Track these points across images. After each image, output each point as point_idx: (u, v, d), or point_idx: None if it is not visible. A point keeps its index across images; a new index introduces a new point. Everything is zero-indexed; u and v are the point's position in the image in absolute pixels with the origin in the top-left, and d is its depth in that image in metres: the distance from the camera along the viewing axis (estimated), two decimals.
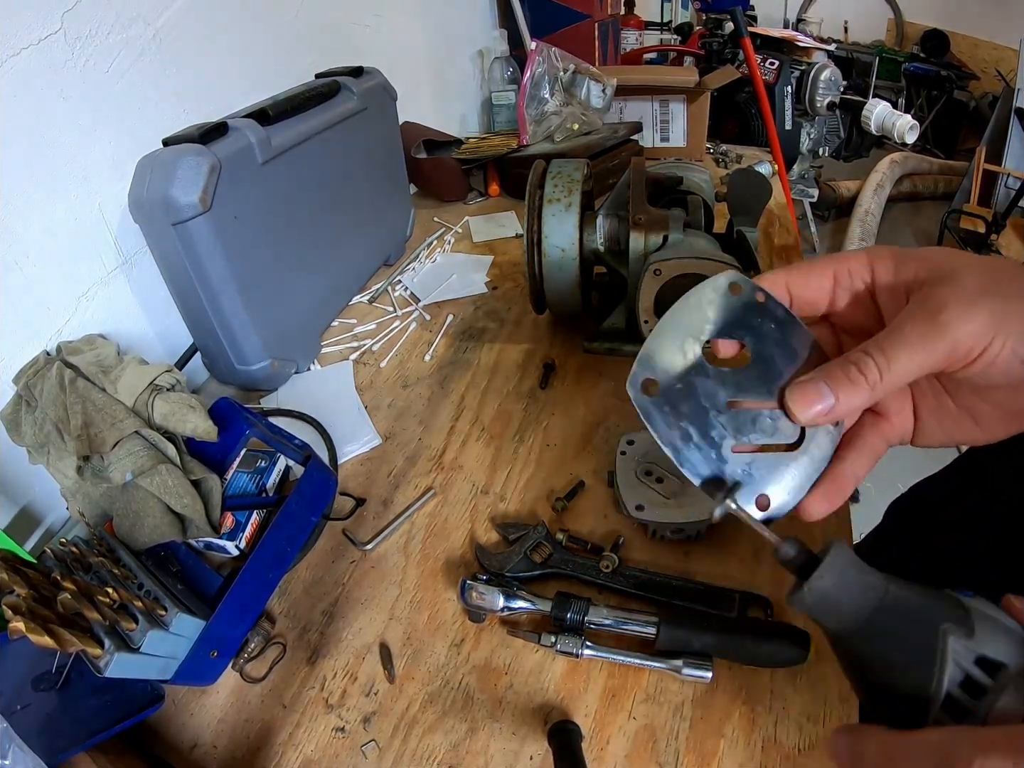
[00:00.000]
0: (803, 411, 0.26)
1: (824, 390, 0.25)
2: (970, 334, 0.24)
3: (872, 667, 0.24)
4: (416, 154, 1.07)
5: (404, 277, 0.91)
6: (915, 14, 3.72)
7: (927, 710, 0.22)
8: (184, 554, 0.50)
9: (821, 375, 0.26)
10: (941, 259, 0.26)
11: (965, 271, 0.25)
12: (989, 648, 0.22)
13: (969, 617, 0.22)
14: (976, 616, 0.23)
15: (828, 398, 0.25)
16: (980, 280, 0.25)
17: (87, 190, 0.60)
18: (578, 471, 0.58)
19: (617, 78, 1.17)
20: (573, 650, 0.42)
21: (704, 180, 0.77)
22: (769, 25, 2.94)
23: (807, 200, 2.46)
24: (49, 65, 0.55)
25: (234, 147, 0.59)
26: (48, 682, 0.41)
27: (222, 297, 0.62)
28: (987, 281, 0.25)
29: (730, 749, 0.39)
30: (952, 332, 0.24)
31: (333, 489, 0.53)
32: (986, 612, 0.23)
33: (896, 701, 0.23)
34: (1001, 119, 2.67)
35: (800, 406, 0.26)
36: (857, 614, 0.23)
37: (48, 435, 0.50)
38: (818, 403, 0.25)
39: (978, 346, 0.24)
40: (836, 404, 0.25)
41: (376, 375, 0.73)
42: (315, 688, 0.44)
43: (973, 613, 0.23)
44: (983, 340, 0.24)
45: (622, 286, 0.67)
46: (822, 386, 0.25)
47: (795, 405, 0.26)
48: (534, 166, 0.70)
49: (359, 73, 0.81)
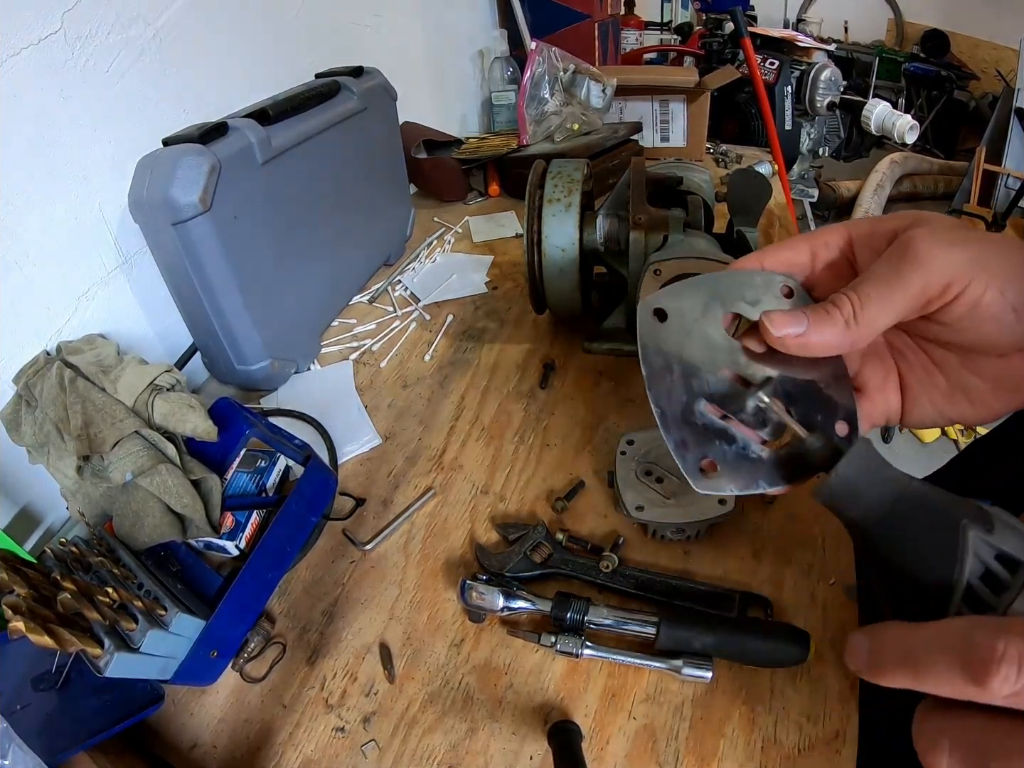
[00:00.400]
0: (777, 328, 0.26)
1: (800, 317, 0.26)
2: (943, 270, 0.24)
3: (892, 558, 0.24)
4: (416, 154, 1.07)
5: (404, 277, 0.91)
6: (915, 14, 3.71)
7: (948, 601, 0.22)
8: (184, 554, 0.50)
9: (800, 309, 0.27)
10: (917, 217, 0.27)
11: (940, 219, 0.26)
12: (1009, 546, 0.22)
13: (989, 518, 0.23)
14: (995, 518, 0.23)
15: (802, 322, 0.26)
16: (954, 229, 0.25)
17: (87, 190, 0.60)
18: (578, 471, 0.58)
19: (617, 78, 1.17)
20: (573, 650, 0.42)
21: (704, 180, 0.77)
22: (769, 25, 2.94)
23: (807, 200, 2.46)
24: (49, 65, 0.55)
25: (234, 147, 0.59)
26: (48, 682, 0.41)
27: (222, 297, 0.62)
28: (962, 231, 0.25)
29: (730, 749, 0.39)
30: (924, 265, 0.24)
31: (333, 489, 0.53)
32: (1004, 518, 0.23)
33: (918, 592, 0.23)
34: (1001, 119, 2.67)
35: (776, 325, 0.26)
36: (880, 503, 0.23)
37: (48, 435, 0.50)
38: (792, 325, 0.26)
39: (955, 283, 0.24)
40: (809, 332, 0.26)
41: (376, 375, 0.73)
42: (315, 688, 0.44)
43: (992, 516, 0.23)
44: (960, 278, 0.24)
45: (622, 286, 0.67)
46: (799, 313, 0.26)
47: (770, 323, 0.26)
48: (534, 166, 0.69)
49: (359, 73, 0.81)
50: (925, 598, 0.22)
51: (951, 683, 0.18)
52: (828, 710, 0.40)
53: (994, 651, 0.17)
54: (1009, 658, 0.17)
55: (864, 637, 0.22)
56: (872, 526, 0.24)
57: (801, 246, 0.29)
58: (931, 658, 0.19)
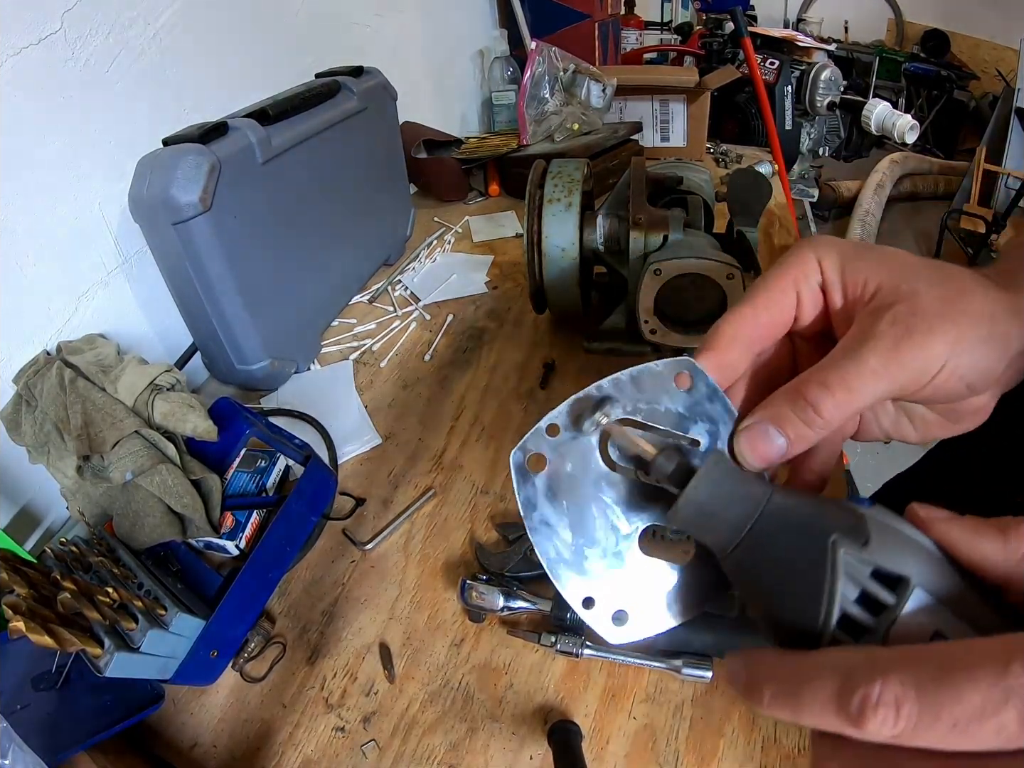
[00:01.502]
0: (754, 460, 0.24)
1: (772, 433, 0.23)
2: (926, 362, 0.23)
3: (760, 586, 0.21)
4: (416, 154, 1.07)
5: (404, 277, 0.91)
6: (915, 14, 3.71)
7: (821, 630, 0.19)
8: (184, 554, 0.50)
9: (768, 414, 0.24)
10: (895, 267, 0.25)
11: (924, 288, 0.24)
12: (888, 560, 0.19)
13: (864, 526, 0.20)
14: (872, 525, 0.20)
15: (778, 441, 0.23)
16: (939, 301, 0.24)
17: (87, 190, 0.60)
18: None
19: (617, 78, 1.17)
20: (573, 650, 0.42)
21: (704, 180, 0.77)
22: (769, 25, 2.94)
23: (807, 200, 2.46)
24: (49, 65, 0.55)
25: (234, 147, 0.59)
26: (48, 682, 0.41)
27: (222, 297, 0.62)
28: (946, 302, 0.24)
29: (730, 749, 0.39)
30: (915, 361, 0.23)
31: (333, 489, 0.53)
32: (884, 521, 0.20)
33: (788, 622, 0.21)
34: (1001, 119, 2.67)
35: (751, 456, 0.24)
36: (737, 527, 0.21)
37: (48, 435, 0.50)
38: (769, 451, 0.23)
39: (931, 371, 0.23)
40: (790, 446, 0.23)
41: (376, 375, 0.73)
42: (315, 688, 0.44)
43: (869, 522, 0.20)
44: (938, 366, 0.23)
45: (622, 286, 0.67)
46: (769, 429, 0.23)
47: (745, 454, 0.24)
48: (534, 166, 0.69)
49: (359, 73, 0.81)
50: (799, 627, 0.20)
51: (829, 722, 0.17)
52: None
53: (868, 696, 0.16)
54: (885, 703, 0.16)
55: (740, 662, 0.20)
56: (732, 552, 0.21)
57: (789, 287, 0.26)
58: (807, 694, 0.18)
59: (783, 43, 2.14)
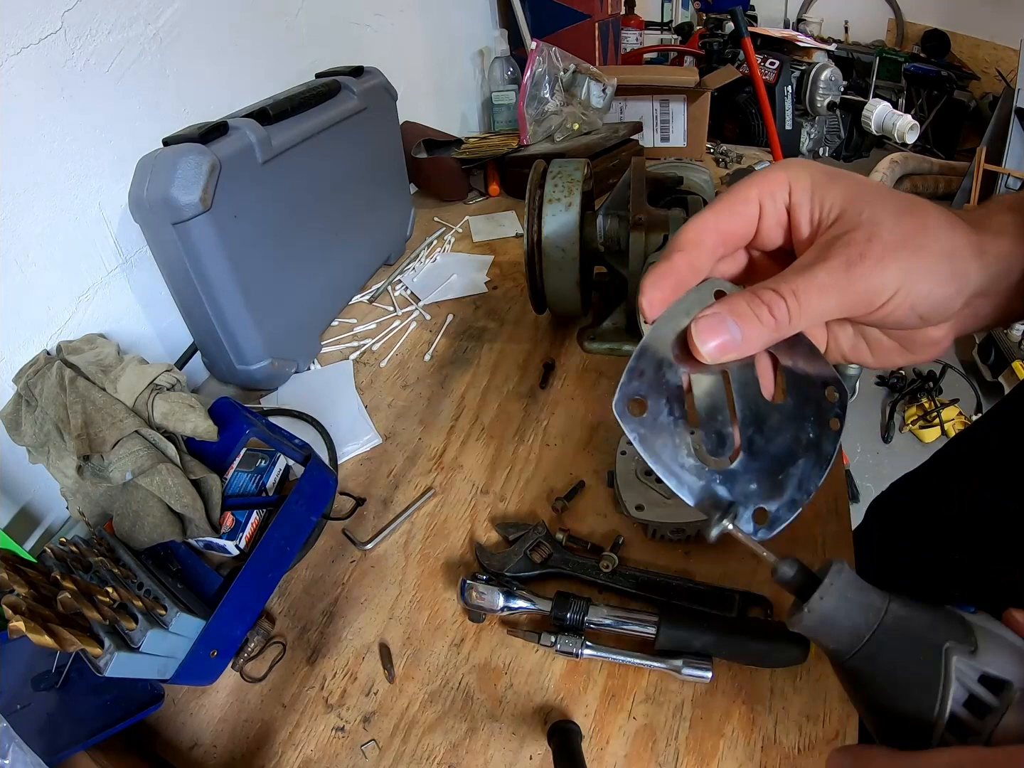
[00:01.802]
0: (705, 343, 0.24)
1: (729, 324, 0.24)
2: (879, 288, 0.24)
3: (875, 688, 0.23)
4: (416, 154, 1.07)
5: (404, 277, 0.91)
6: (915, 14, 3.71)
7: (931, 731, 0.21)
8: (184, 554, 0.50)
9: (726, 308, 0.24)
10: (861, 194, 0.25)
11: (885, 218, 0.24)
12: (993, 666, 0.21)
13: (972, 634, 0.22)
14: (979, 633, 0.22)
15: (734, 331, 0.24)
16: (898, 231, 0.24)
17: (87, 190, 0.60)
18: (578, 471, 0.58)
19: (617, 78, 1.17)
20: (573, 650, 0.42)
21: (704, 180, 0.77)
22: (769, 25, 2.94)
23: None
24: (49, 64, 0.55)
25: (234, 147, 0.59)
26: (48, 681, 0.41)
27: (222, 297, 0.62)
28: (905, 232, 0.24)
29: (730, 749, 0.39)
30: (864, 284, 0.24)
31: (333, 489, 0.53)
32: (989, 628, 0.23)
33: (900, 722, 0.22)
34: (1001, 119, 2.67)
35: (703, 337, 0.24)
36: (858, 635, 0.23)
37: (48, 434, 0.50)
38: (723, 335, 0.24)
39: (883, 298, 0.24)
40: (742, 341, 0.24)
41: (376, 375, 0.73)
42: (315, 688, 0.44)
43: (976, 630, 0.22)
44: (889, 293, 0.24)
45: (622, 286, 0.67)
46: (727, 320, 0.24)
47: (699, 337, 0.24)
48: (534, 166, 0.69)
49: (359, 73, 0.81)
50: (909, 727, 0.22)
51: None
52: (828, 710, 0.40)
53: None
54: None
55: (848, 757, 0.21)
56: (851, 657, 0.23)
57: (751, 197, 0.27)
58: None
59: (783, 43, 2.14)
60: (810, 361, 0.27)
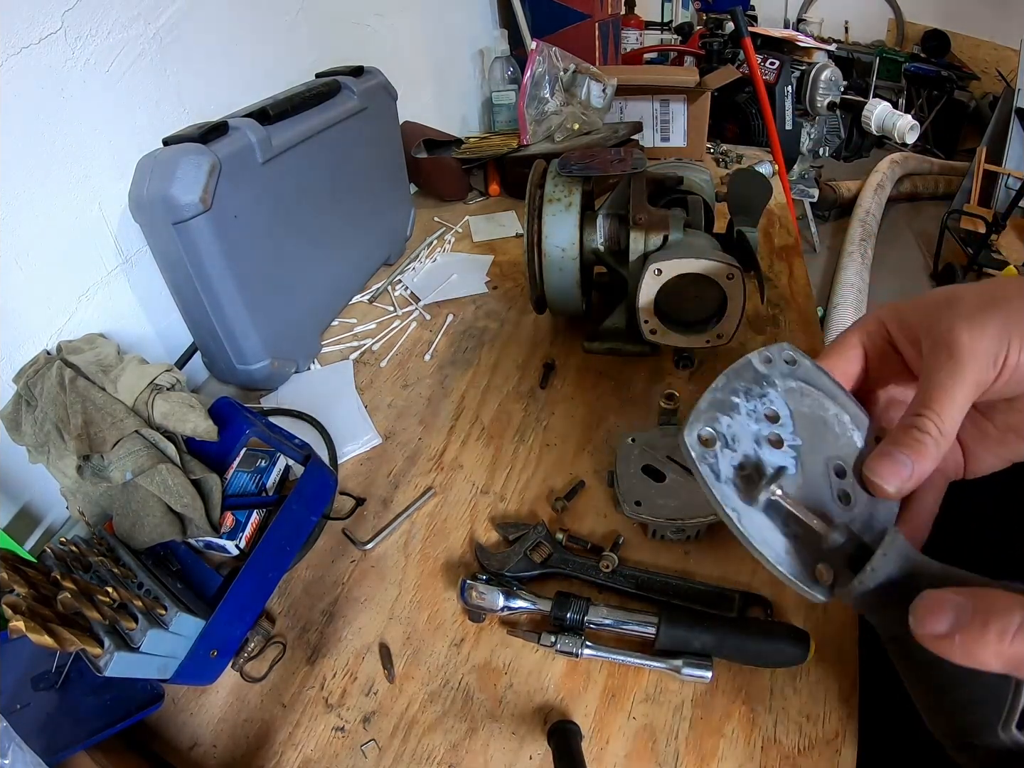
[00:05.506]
0: (892, 483, 0.26)
1: (902, 459, 0.26)
2: (986, 350, 0.25)
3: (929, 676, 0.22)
4: (416, 154, 1.07)
5: (404, 277, 0.91)
6: (915, 14, 3.71)
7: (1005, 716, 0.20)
8: (184, 553, 0.50)
9: (892, 446, 0.27)
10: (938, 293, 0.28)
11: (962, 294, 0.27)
12: None
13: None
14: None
15: (908, 465, 0.26)
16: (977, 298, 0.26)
17: (87, 190, 0.60)
18: (578, 471, 0.58)
19: (617, 78, 1.17)
20: (573, 650, 0.42)
21: (704, 180, 0.77)
22: (769, 25, 2.93)
23: (807, 200, 2.46)
24: (49, 64, 0.55)
25: (234, 146, 0.59)
26: (48, 681, 0.41)
27: (222, 297, 0.62)
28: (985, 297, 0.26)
29: (730, 749, 0.39)
30: (971, 357, 0.25)
31: (333, 489, 0.53)
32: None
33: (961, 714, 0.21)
34: (1001, 119, 2.67)
35: (888, 480, 0.27)
36: None
37: (48, 434, 0.50)
38: (903, 471, 0.26)
39: (999, 356, 0.25)
40: (915, 468, 0.26)
41: (376, 375, 0.73)
42: (315, 688, 0.44)
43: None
44: (1001, 349, 0.25)
45: (622, 286, 0.67)
46: (898, 456, 0.26)
47: (882, 480, 0.27)
48: (534, 166, 0.69)
49: (359, 73, 0.81)
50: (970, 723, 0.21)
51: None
52: (828, 710, 0.40)
53: None
54: None
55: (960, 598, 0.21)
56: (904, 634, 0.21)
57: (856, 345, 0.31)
58: None
59: (783, 43, 2.14)
60: None
